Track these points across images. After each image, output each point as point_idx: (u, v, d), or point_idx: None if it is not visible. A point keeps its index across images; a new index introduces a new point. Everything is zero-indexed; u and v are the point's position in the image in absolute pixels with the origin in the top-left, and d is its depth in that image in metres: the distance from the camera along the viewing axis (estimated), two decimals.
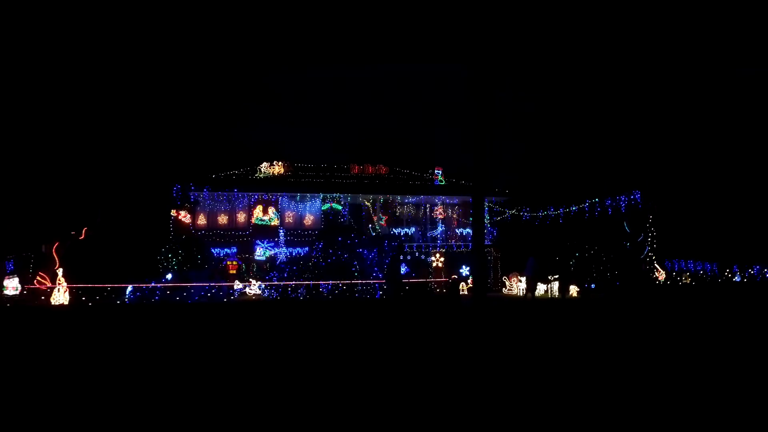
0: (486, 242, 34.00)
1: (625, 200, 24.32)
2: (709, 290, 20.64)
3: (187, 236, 28.78)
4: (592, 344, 9.52)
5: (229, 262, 25.23)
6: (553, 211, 28.45)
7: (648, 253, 24.46)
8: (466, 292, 30.79)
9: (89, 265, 22.75)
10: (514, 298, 25.86)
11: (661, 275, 25.37)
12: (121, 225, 26.24)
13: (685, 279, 25.17)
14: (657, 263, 25.34)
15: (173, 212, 28.54)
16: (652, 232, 24.32)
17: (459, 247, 32.45)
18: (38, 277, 21.54)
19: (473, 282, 19.29)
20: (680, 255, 26.41)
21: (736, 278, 24.59)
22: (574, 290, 25.49)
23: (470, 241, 33.02)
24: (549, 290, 26.24)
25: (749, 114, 28.55)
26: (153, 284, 22.17)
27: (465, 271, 32.26)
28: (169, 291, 22.12)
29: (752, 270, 24.45)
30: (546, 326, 12.81)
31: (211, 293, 22.35)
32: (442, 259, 32.07)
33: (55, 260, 21.81)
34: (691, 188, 26.90)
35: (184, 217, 28.87)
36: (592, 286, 24.61)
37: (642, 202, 23.90)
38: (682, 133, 30.45)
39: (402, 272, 30.87)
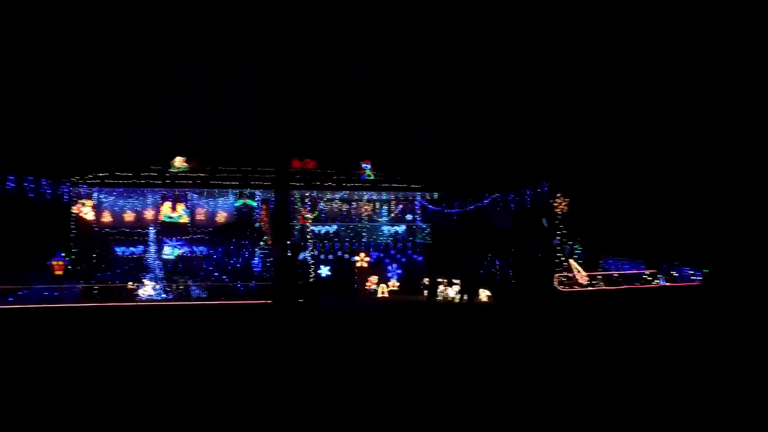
0: (419, 241, 31.73)
1: (522, 194, 21.78)
2: (612, 297, 18.05)
3: (90, 235, 27.45)
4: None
5: (54, 262, 23.32)
6: (468, 207, 26.04)
7: (559, 252, 21.87)
8: (387, 295, 28.66)
9: None
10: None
11: (583, 277, 22.77)
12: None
13: (600, 282, 22.43)
14: (576, 263, 22.75)
15: (75, 209, 27.18)
16: (561, 229, 21.73)
17: (386, 245, 30.20)
18: None
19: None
20: (607, 254, 23.70)
21: (659, 281, 21.80)
22: (484, 294, 23.12)
23: (395, 240, 30.69)
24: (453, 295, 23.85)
25: (681, 108, 25.67)
26: None
27: (392, 271, 30.06)
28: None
29: (674, 272, 21.62)
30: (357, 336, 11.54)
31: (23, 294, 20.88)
32: (367, 258, 29.85)
33: None
34: (615, 183, 24.16)
35: (86, 214, 27.50)
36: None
37: (550, 194, 21.33)
38: (606, 125, 27.68)
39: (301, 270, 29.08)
